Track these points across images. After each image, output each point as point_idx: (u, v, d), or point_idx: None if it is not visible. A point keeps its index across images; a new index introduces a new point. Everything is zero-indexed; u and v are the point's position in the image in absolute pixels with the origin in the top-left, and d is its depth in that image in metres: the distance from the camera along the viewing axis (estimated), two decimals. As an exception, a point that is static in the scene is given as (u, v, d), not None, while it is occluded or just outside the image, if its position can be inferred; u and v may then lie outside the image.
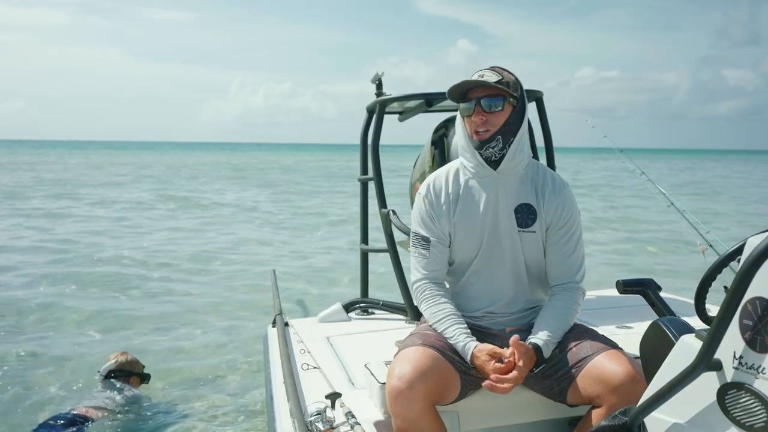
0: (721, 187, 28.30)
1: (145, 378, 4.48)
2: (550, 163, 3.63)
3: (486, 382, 1.99)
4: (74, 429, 3.79)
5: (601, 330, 2.53)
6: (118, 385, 4.24)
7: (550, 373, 2.09)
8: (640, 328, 2.38)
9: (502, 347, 2.06)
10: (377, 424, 2.08)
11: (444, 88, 2.29)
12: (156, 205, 18.19)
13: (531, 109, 3.71)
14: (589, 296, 3.70)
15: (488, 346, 2.07)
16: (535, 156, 3.72)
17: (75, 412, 3.95)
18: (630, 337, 2.74)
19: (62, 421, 3.80)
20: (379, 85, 3.62)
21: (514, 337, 2.02)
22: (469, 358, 2.08)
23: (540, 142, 3.69)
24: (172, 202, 18.77)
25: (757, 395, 1.31)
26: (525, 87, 2.29)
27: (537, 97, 3.62)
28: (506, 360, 2.01)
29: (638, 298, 2.43)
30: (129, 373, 4.36)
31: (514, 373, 1.98)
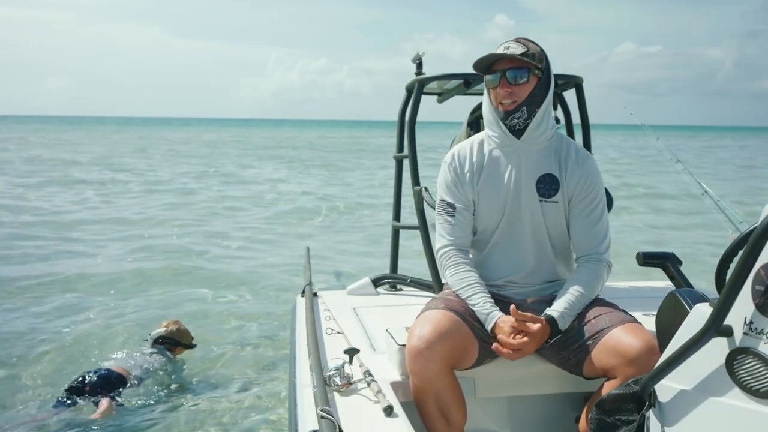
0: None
1: (191, 348, 4.69)
2: (587, 150, 3.62)
3: (495, 345, 2.04)
4: (110, 387, 3.95)
5: None
6: (160, 352, 4.44)
7: (568, 344, 2.11)
8: None
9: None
10: (394, 384, 2.13)
11: None
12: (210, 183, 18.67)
13: (570, 95, 3.71)
14: (610, 285, 3.69)
15: (511, 320, 2.09)
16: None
17: (113, 369, 4.11)
18: (649, 319, 2.73)
19: (96, 377, 3.95)
20: (419, 65, 3.66)
21: (512, 307, 2.07)
22: (491, 327, 2.12)
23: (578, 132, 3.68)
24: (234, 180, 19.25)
25: (763, 359, 1.32)
26: (564, 66, 2.32)
27: (577, 83, 3.61)
28: (523, 333, 2.05)
29: (661, 289, 2.44)
30: (176, 342, 4.58)
31: (523, 340, 2.02)
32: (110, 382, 3.99)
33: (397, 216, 3.89)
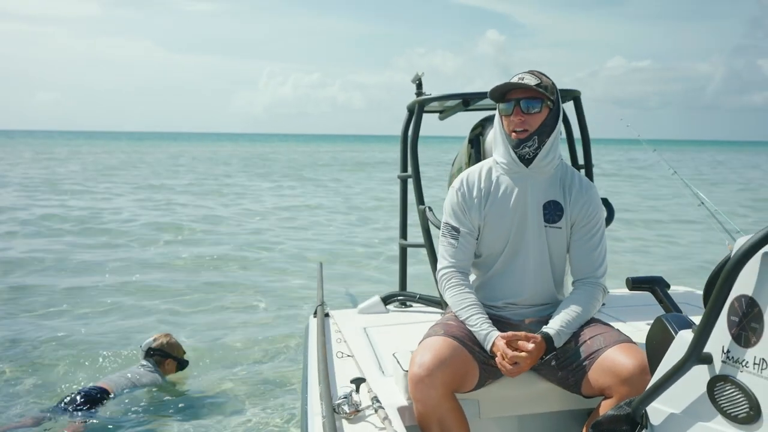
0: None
1: (182, 364, 4.66)
2: (587, 161, 3.69)
3: (498, 362, 2.13)
4: (90, 405, 4.01)
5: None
6: (150, 366, 4.46)
7: (566, 365, 2.18)
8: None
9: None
10: (400, 409, 2.21)
11: (471, 79, 2.44)
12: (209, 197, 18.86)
13: (568, 107, 3.77)
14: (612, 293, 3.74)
15: (509, 335, 2.17)
16: (573, 153, 3.78)
17: (98, 385, 4.19)
18: (642, 334, 2.79)
19: (82, 398, 4.03)
20: (419, 85, 3.74)
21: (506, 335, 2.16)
22: (490, 346, 2.19)
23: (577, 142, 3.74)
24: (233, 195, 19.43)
25: (740, 387, 1.39)
26: (556, 80, 2.41)
27: (575, 96, 3.67)
28: (520, 348, 2.13)
29: (650, 298, 2.49)
30: (167, 354, 4.57)
31: (520, 354, 2.10)
32: (93, 399, 4.04)
33: (403, 234, 3.97)
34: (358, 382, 2.22)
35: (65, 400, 4.06)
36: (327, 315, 3.52)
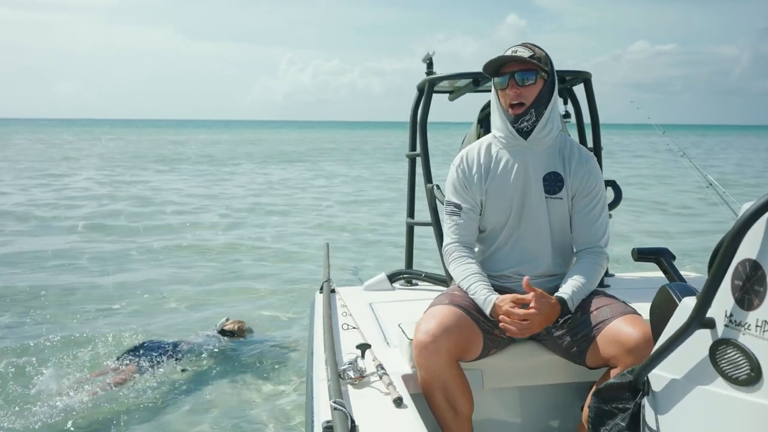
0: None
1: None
2: (597, 145, 3.69)
3: (501, 323, 2.14)
4: (169, 352, 4.68)
5: None
6: (220, 338, 5.13)
7: (571, 335, 2.20)
8: None
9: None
10: (405, 377, 2.24)
11: None
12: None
13: (579, 90, 3.77)
14: (615, 278, 3.76)
15: (511, 295, 2.19)
16: (582, 137, 3.78)
17: (175, 341, 4.87)
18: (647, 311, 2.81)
19: (159, 349, 4.68)
20: (430, 64, 3.75)
21: (526, 278, 2.16)
22: (489, 310, 2.20)
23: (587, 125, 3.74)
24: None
25: (741, 349, 1.40)
26: (576, 65, 2.41)
27: (585, 78, 3.67)
28: (530, 306, 2.13)
29: (657, 281, 2.51)
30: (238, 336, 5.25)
31: (530, 311, 2.11)
32: (161, 347, 4.71)
33: (411, 213, 3.99)
34: (363, 347, 2.24)
35: (136, 346, 4.70)
36: (333, 291, 3.55)
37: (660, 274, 3.83)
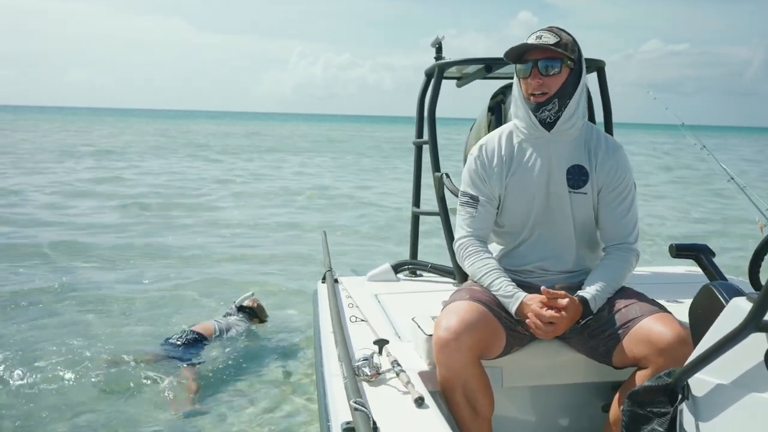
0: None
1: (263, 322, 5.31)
2: (608, 134, 3.59)
3: (529, 321, 2.04)
4: (192, 347, 4.53)
5: None
6: (242, 318, 5.09)
7: (597, 333, 2.10)
8: (689, 302, 2.40)
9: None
10: (422, 374, 2.14)
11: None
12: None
13: (591, 79, 3.66)
14: (638, 271, 3.68)
15: (539, 296, 2.08)
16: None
17: (194, 329, 4.72)
18: (678, 308, 2.72)
19: (182, 341, 4.55)
20: (439, 49, 3.63)
21: (543, 288, 2.06)
22: (516, 307, 2.10)
23: (599, 115, 3.65)
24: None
25: None
26: (586, 58, 2.29)
27: (599, 66, 3.57)
28: (559, 309, 2.04)
29: (688, 275, 2.42)
30: (255, 314, 5.24)
31: (556, 314, 2.02)
32: (196, 340, 4.61)
33: (416, 202, 3.88)
34: (381, 343, 2.14)
35: (171, 340, 4.58)
36: (336, 281, 3.45)
37: (674, 268, 3.79)
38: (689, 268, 3.56)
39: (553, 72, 2.17)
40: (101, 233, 9.29)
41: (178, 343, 4.55)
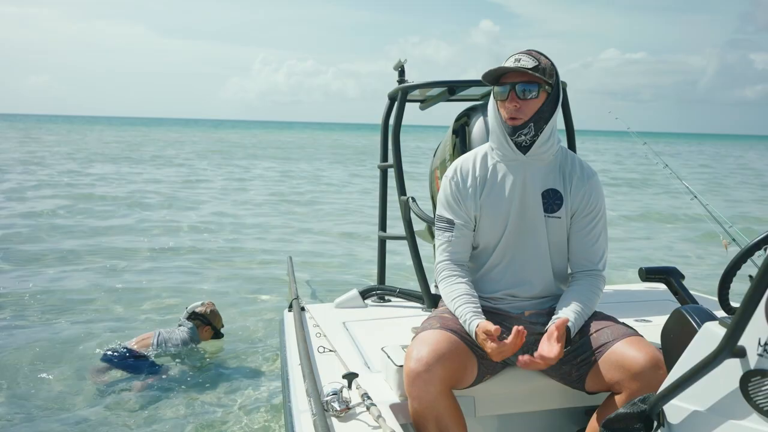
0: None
1: (218, 334, 4.96)
2: (571, 150, 3.61)
3: (521, 359, 1.96)
4: (131, 361, 4.41)
5: None
6: (188, 327, 4.80)
7: (570, 359, 2.07)
8: (659, 321, 2.39)
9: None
10: (393, 407, 2.08)
11: (465, 69, 2.30)
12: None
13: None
14: (607, 290, 3.68)
15: (487, 327, 2.00)
16: None
17: (128, 344, 4.56)
18: (648, 329, 2.72)
19: (118, 355, 4.42)
20: (402, 72, 3.62)
21: (521, 329, 1.97)
22: (473, 334, 2.05)
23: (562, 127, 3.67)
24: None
25: None
26: None
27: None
28: (508, 339, 1.97)
29: (656, 293, 2.42)
30: (207, 322, 4.88)
31: (494, 347, 1.96)
32: (134, 358, 4.45)
33: (383, 226, 3.84)
34: (350, 377, 2.08)
35: (109, 353, 4.47)
36: (303, 309, 3.38)
37: (629, 286, 3.80)
38: (653, 285, 3.58)
39: (531, 96, 2.15)
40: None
41: (115, 357, 4.44)
